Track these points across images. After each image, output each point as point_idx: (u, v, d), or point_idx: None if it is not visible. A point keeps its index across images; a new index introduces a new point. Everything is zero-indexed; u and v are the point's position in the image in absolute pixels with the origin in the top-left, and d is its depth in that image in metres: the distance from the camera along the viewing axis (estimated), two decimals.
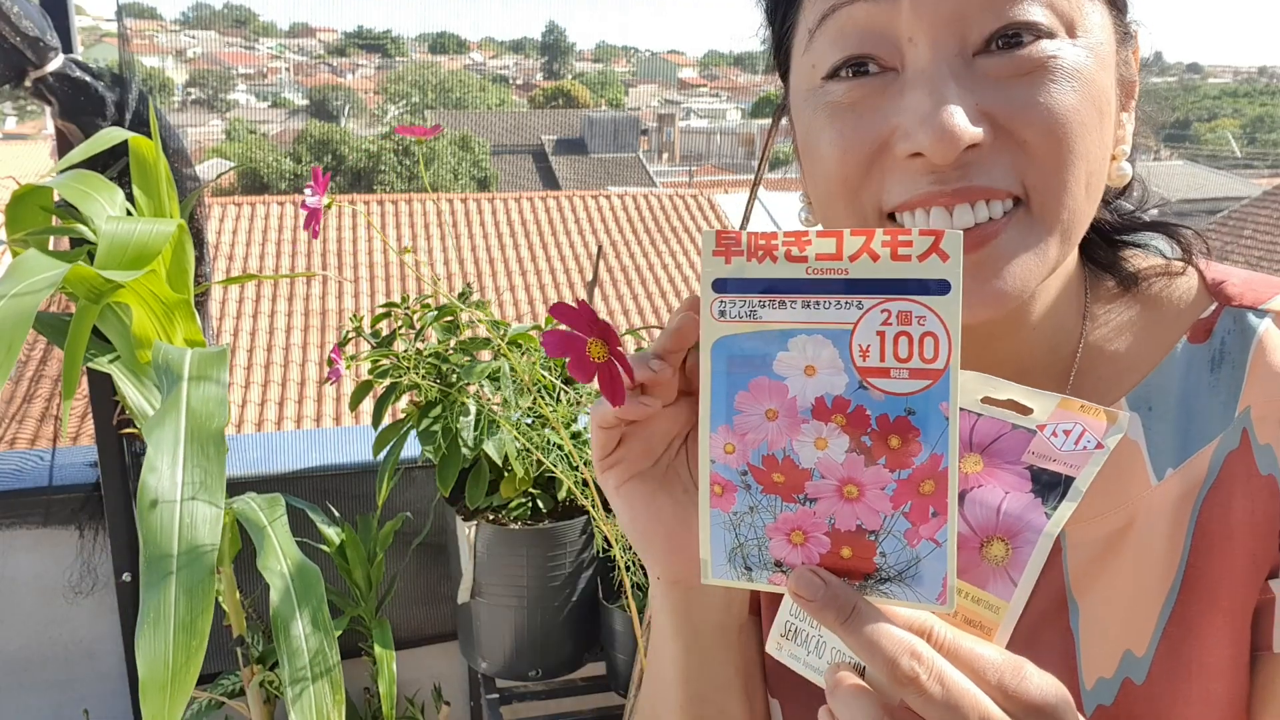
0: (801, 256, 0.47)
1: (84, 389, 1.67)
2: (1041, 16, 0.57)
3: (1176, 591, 0.63)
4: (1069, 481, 0.50)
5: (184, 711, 1.60)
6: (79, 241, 1.38)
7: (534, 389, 1.44)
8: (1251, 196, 12.29)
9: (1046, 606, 0.66)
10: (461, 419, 1.47)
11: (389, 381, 1.51)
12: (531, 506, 1.58)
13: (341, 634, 1.55)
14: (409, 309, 1.55)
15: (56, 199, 1.38)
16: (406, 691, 1.91)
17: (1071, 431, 0.51)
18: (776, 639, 0.55)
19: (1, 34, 1.38)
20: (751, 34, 0.71)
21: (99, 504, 1.75)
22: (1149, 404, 0.66)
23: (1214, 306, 0.67)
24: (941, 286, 0.45)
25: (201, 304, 1.58)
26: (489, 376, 1.48)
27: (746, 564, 0.50)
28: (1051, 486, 0.50)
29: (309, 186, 1.01)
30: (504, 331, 1.44)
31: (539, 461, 1.52)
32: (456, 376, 1.49)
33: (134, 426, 1.59)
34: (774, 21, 0.68)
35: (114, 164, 1.48)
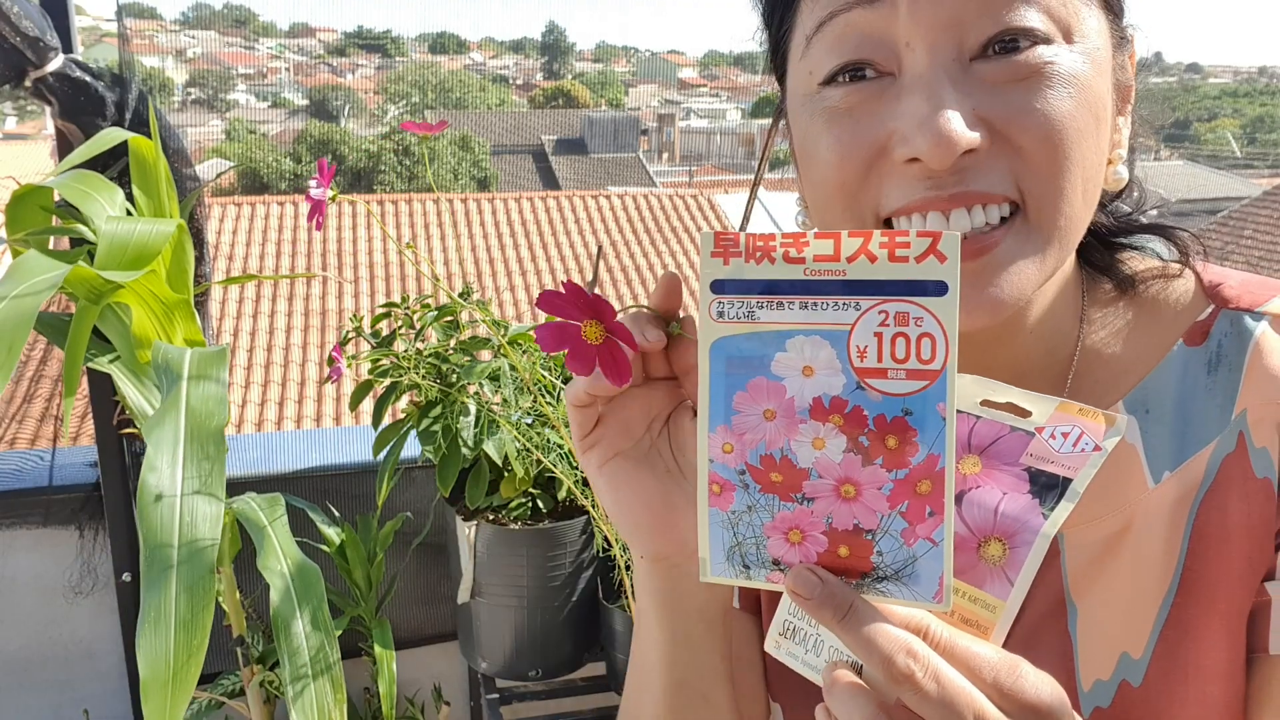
0: (799, 258, 0.47)
1: (84, 389, 1.67)
2: (1038, 22, 0.57)
3: (1173, 594, 0.63)
4: (1067, 483, 0.50)
5: (186, 711, 1.61)
6: (79, 241, 1.38)
7: (534, 388, 1.45)
8: (1251, 196, 12.28)
9: (1045, 609, 0.66)
10: (461, 419, 1.47)
11: (389, 381, 1.51)
12: (531, 506, 1.58)
13: (341, 634, 1.55)
14: (409, 309, 1.55)
15: (56, 199, 1.38)
16: (406, 691, 1.91)
17: (1069, 434, 0.51)
18: (775, 638, 0.55)
19: (1, 34, 1.38)
20: (751, 35, 0.71)
21: (99, 504, 1.75)
22: (1146, 407, 0.66)
23: (1211, 309, 0.67)
24: (939, 288, 0.45)
25: (201, 304, 1.58)
26: (489, 376, 1.48)
27: (745, 562, 0.50)
28: (1049, 488, 0.51)
29: (314, 179, 1.01)
30: (504, 331, 1.44)
31: (539, 461, 1.52)
32: (456, 376, 1.49)
33: (134, 426, 1.59)
34: (771, 26, 0.68)
35: (114, 164, 1.49)
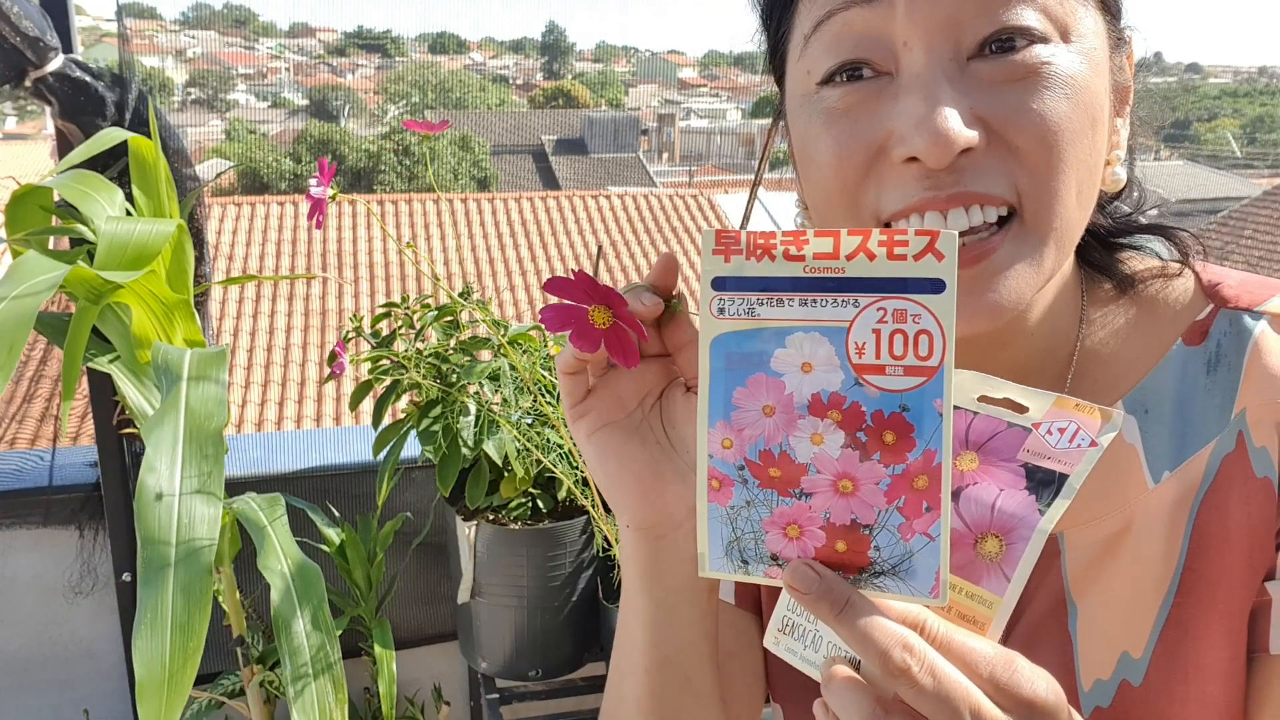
0: (799, 256, 0.47)
1: (84, 389, 1.67)
2: (1035, 21, 0.57)
3: (1173, 594, 0.63)
4: (1063, 478, 0.51)
5: (185, 711, 1.60)
6: (79, 241, 1.38)
7: (534, 388, 1.45)
8: (1251, 196, 12.29)
9: (1045, 609, 0.66)
10: (461, 419, 1.47)
11: (389, 381, 1.51)
12: (531, 506, 1.58)
13: (341, 634, 1.55)
14: (409, 309, 1.55)
15: (56, 199, 1.38)
16: (406, 691, 1.91)
17: (1066, 429, 0.52)
18: (774, 634, 0.55)
19: (1, 34, 1.38)
20: (750, 36, 0.71)
21: (99, 504, 1.75)
22: (1145, 407, 0.66)
23: (1210, 308, 0.67)
24: (936, 285, 0.46)
25: (201, 304, 1.58)
26: (489, 376, 1.48)
27: (743, 557, 0.51)
28: (1046, 484, 0.51)
29: (314, 178, 1.01)
30: (504, 331, 1.44)
31: (539, 461, 1.52)
32: (456, 376, 1.49)
33: (134, 426, 1.59)
34: (769, 27, 0.68)
35: (114, 164, 1.49)
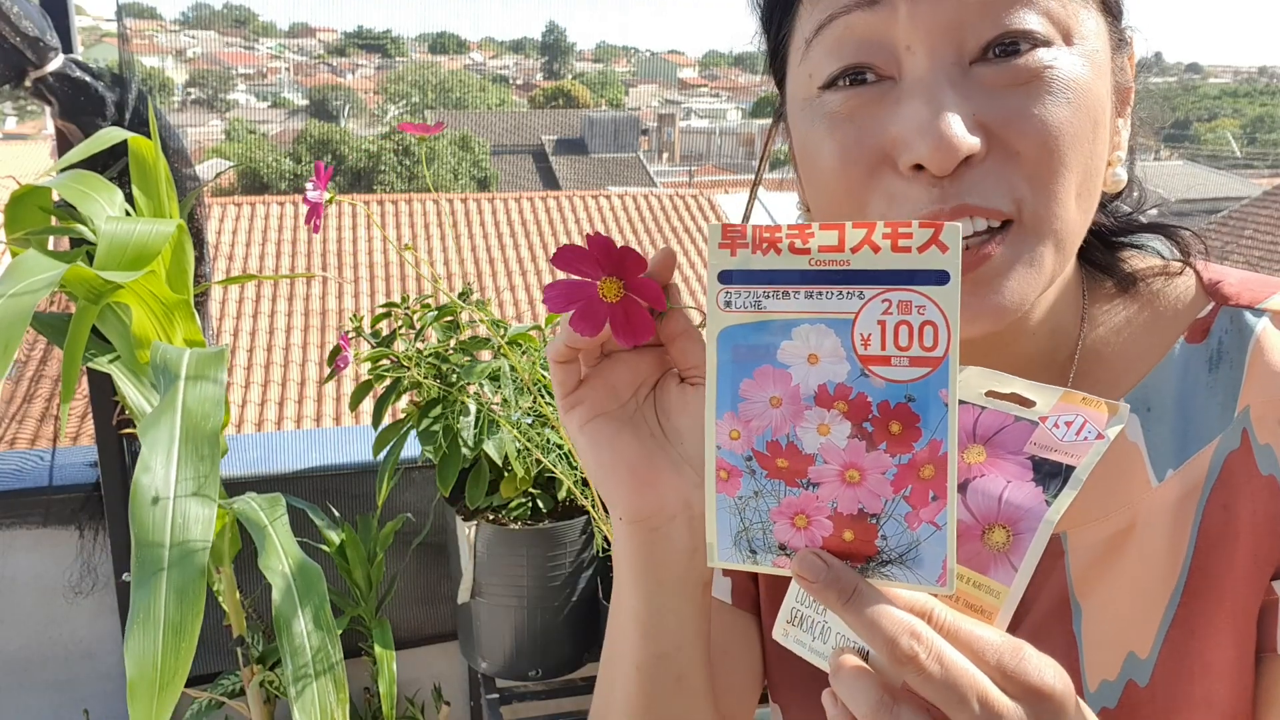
0: (804, 249, 0.48)
1: (84, 389, 1.67)
2: (1038, 25, 0.57)
3: (1179, 593, 0.63)
4: (1070, 470, 0.51)
5: (185, 711, 1.60)
6: (79, 242, 1.38)
7: (534, 389, 1.45)
8: (1251, 196, 12.29)
9: (1049, 609, 0.66)
10: (461, 419, 1.47)
11: (389, 381, 1.51)
12: (531, 506, 1.58)
13: (341, 634, 1.55)
14: (409, 309, 1.55)
15: (56, 199, 1.38)
16: (406, 691, 1.91)
17: (1073, 423, 0.52)
18: (783, 625, 0.55)
19: (1, 34, 1.38)
20: (751, 36, 0.70)
21: (99, 504, 1.75)
22: (1148, 405, 0.66)
23: (1211, 306, 0.67)
24: (940, 277, 0.46)
25: (201, 304, 1.58)
26: (489, 376, 1.48)
27: (751, 547, 0.51)
28: (1053, 475, 0.51)
29: (311, 181, 1.01)
30: (504, 331, 1.44)
31: (539, 461, 1.52)
32: (456, 376, 1.49)
33: (134, 426, 1.59)
34: (769, 29, 0.67)
35: (114, 164, 1.49)
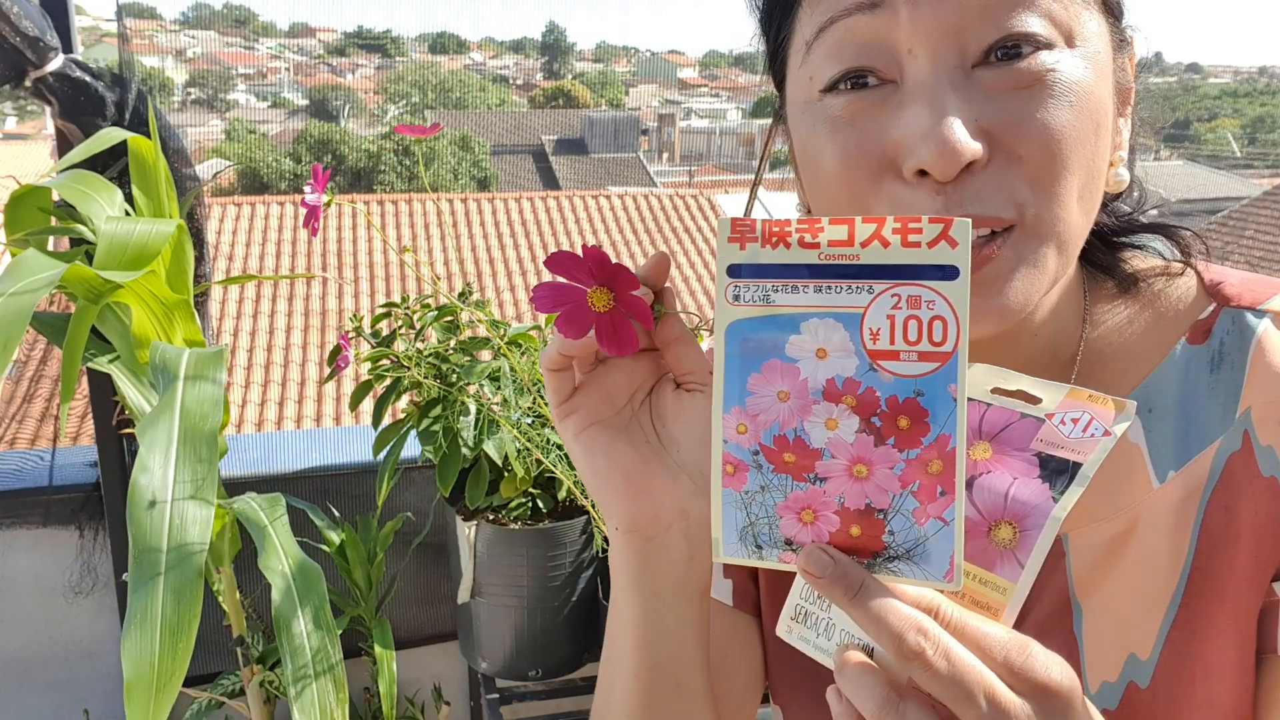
0: (814, 243, 0.47)
1: (84, 389, 1.67)
2: (1040, 27, 0.57)
3: (1180, 594, 0.63)
4: (1076, 467, 0.51)
5: (186, 711, 1.60)
6: (79, 242, 1.38)
7: (534, 389, 1.45)
8: (1251, 196, 12.29)
9: (1050, 610, 0.66)
10: (461, 419, 1.47)
11: (389, 381, 1.51)
12: (531, 506, 1.58)
13: (341, 634, 1.55)
14: (409, 309, 1.55)
15: (56, 199, 1.38)
16: (406, 691, 1.91)
17: (1079, 419, 0.52)
18: (786, 621, 0.55)
19: (1, 34, 1.38)
20: (751, 37, 0.70)
21: (99, 504, 1.75)
22: (1149, 406, 0.66)
23: (1212, 307, 0.67)
24: (950, 272, 0.46)
25: (201, 304, 1.58)
26: (489, 376, 1.48)
27: (757, 542, 0.51)
28: (1059, 472, 0.51)
29: (309, 184, 1.01)
30: (504, 331, 1.44)
31: (539, 461, 1.52)
32: (456, 376, 1.49)
33: (134, 426, 1.59)
34: (768, 32, 0.67)
35: (114, 164, 1.49)
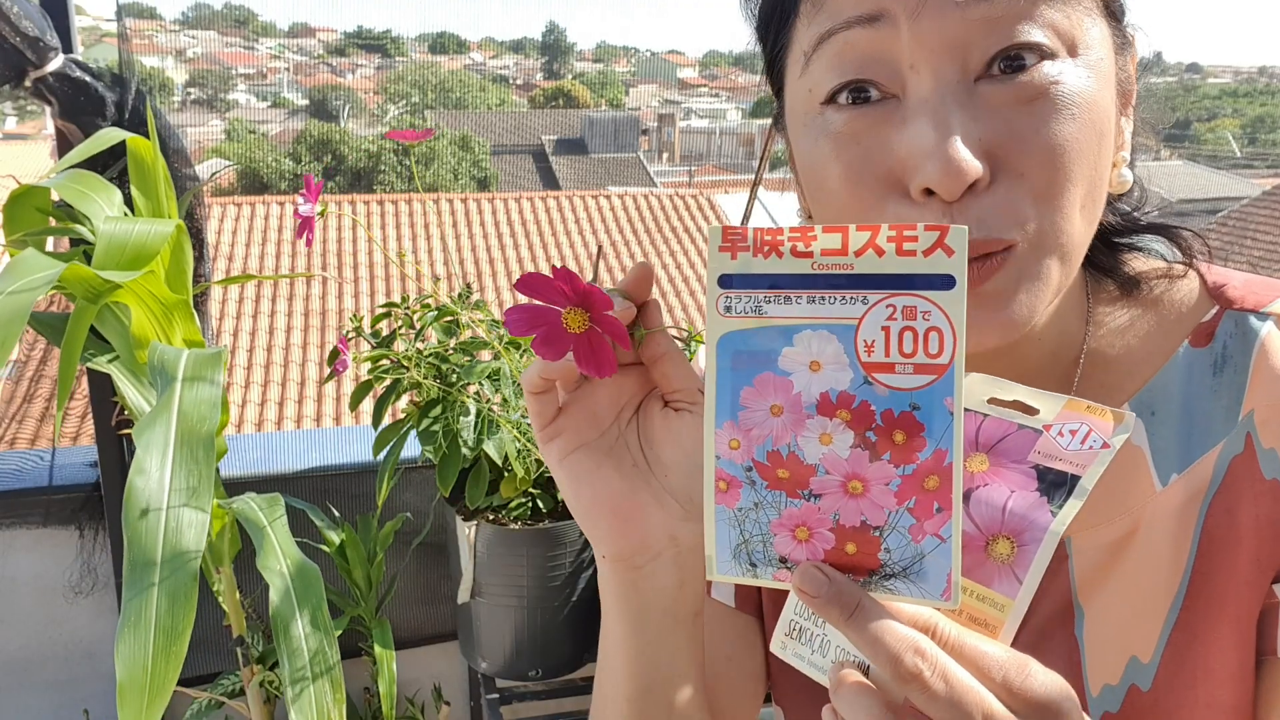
0: (807, 252, 0.46)
1: (84, 389, 1.67)
2: (1043, 38, 0.56)
3: (1182, 597, 0.63)
4: (1075, 480, 0.50)
5: (186, 711, 1.60)
6: (78, 242, 1.38)
7: None
8: (1251, 196, 12.28)
9: (1052, 613, 0.66)
10: (461, 419, 1.47)
11: (389, 381, 1.51)
12: (531, 506, 1.57)
13: (341, 634, 1.55)
14: (409, 309, 1.55)
15: (55, 199, 1.38)
16: (406, 691, 1.91)
17: (1078, 431, 0.51)
18: (781, 638, 0.54)
19: (1, 34, 1.38)
20: (750, 38, 0.70)
21: (99, 504, 1.75)
22: (1152, 409, 0.66)
23: (1215, 310, 0.67)
24: (946, 282, 0.45)
25: (201, 304, 1.58)
26: (489, 376, 1.47)
27: (751, 560, 0.50)
28: (1057, 485, 0.50)
29: (302, 194, 1.00)
30: (503, 331, 1.44)
31: (539, 461, 1.52)
32: (456, 376, 1.49)
33: (134, 427, 1.58)
34: (765, 40, 0.66)
35: (113, 164, 1.48)
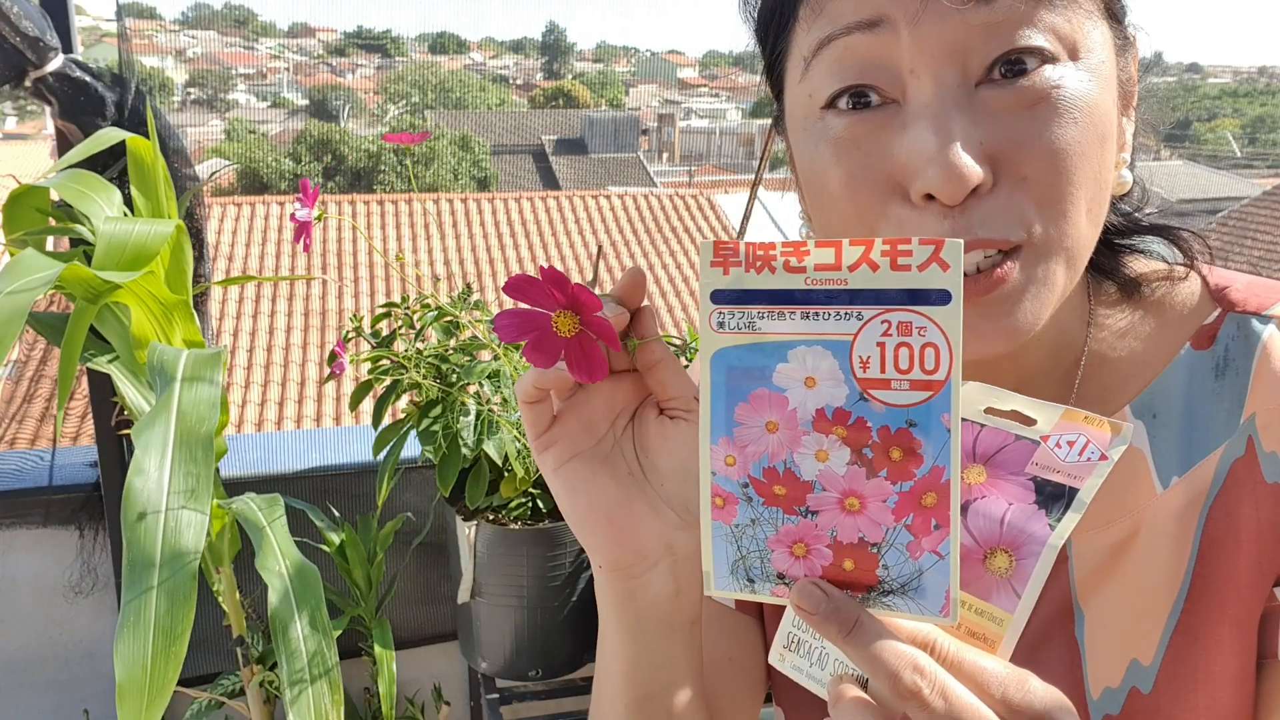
0: (800, 267, 0.46)
1: (84, 389, 1.67)
2: (1044, 42, 0.56)
3: (1183, 600, 0.63)
4: (1073, 493, 0.49)
5: (186, 711, 1.60)
6: (78, 242, 1.38)
7: None
8: (1251, 196, 12.28)
9: (1052, 615, 0.66)
10: (461, 419, 1.47)
11: (389, 381, 1.51)
12: (531, 506, 1.57)
13: (341, 634, 1.55)
14: (409, 309, 1.55)
15: (55, 199, 1.38)
16: (406, 691, 1.91)
17: (1075, 442, 0.51)
18: (779, 650, 0.54)
19: (1, 34, 1.38)
20: (751, 39, 0.69)
21: (99, 504, 1.75)
22: (1153, 411, 0.66)
23: (1217, 312, 0.67)
24: (942, 296, 0.44)
25: (201, 304, 1.58)
26: (489, 376, 1.48)
27: (749, 576, 0.49)
28: (1055, 498, 0.50)
29: (298, 199, 0.99)
30: None
31: None
32: (456, 376, 1.49)
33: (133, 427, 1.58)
34: (764, 44, 0.66)
35: (113, 164, 1.48)
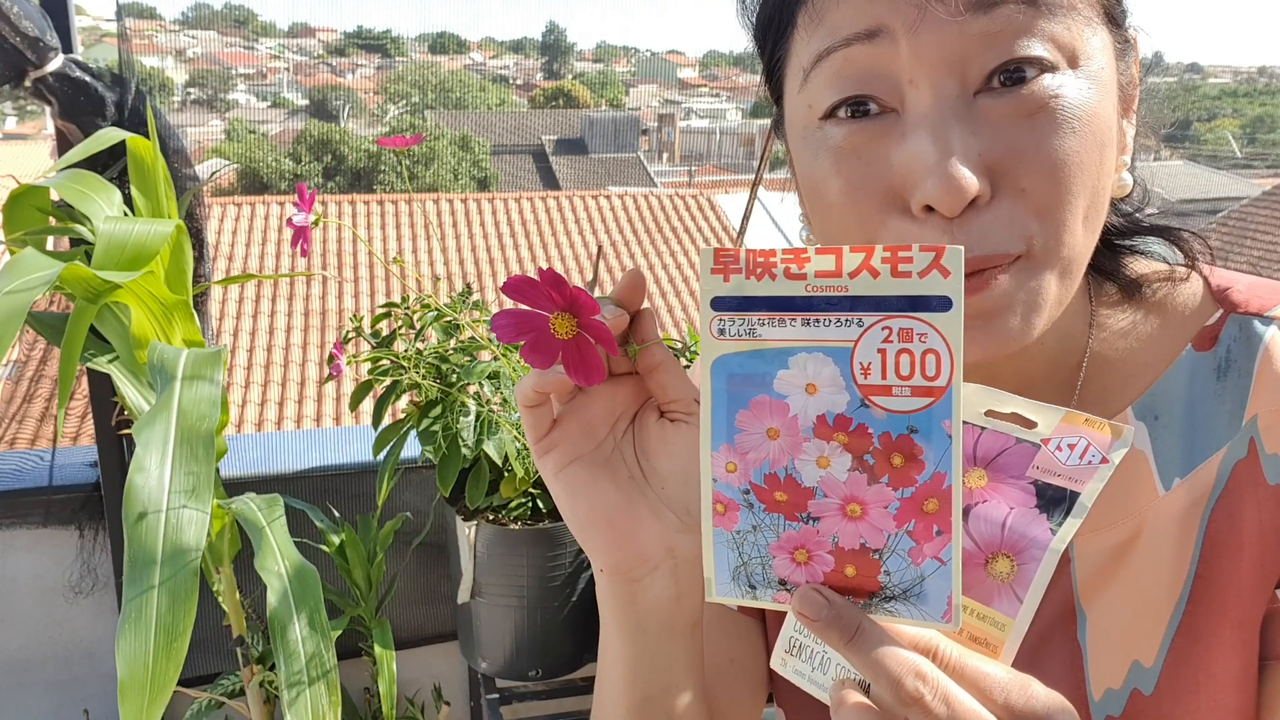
0: (800, 274, 0.46)
1: (84, 389, 1.67)
2: (1043, 51, 0.56)
3: (1185, 601, 0.63)
4: (1074, 497, 0.49)
5: (186, 711, 1.60)
6: (78, 242, 1.38)
7: None
8: (1251, 196, 12.29)
9: (1054, 617, 0.66)
10: (461, 419, 1.47)
11: (389, 381, 1.51)
12: (531, 506, 1.57)
13: (341, 634, 1.55)
14: (409, 309, 1.55)
15: (55, 199, 1.38)
16: (406, 691, 1.91)
17: (1076, 446, 0.50)
18: (781, 655, 0.54)
19: (1, 34, 1.38)
20: (745, 45, 0.70)
21: (99, 504, 1.75)
22: (1155, 413, 0.66)
23: (1219, 313, 0.67)
24: (943, 303, 0.44)
25: (201, 304, 1.58)
26: (489, 377, 1.48)
27: (750, 582, 0.49)
28: (1056, 502, 0.50)
29: (295, 204, 0.98)
30: None
31: None
32: (456, 376, 1.49)
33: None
34: (763, 51, 0.66)
35: (113, 164, 1.48)
